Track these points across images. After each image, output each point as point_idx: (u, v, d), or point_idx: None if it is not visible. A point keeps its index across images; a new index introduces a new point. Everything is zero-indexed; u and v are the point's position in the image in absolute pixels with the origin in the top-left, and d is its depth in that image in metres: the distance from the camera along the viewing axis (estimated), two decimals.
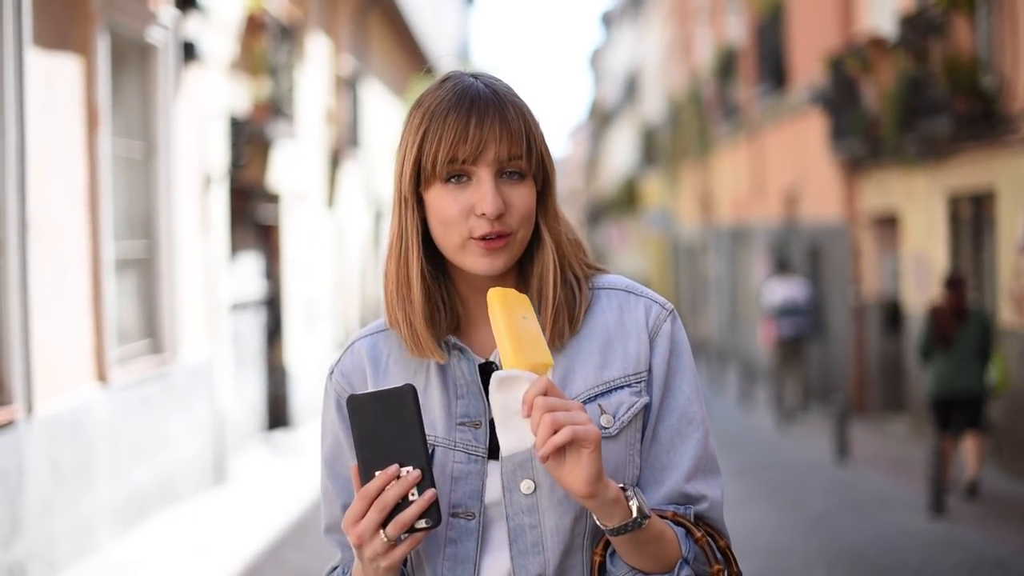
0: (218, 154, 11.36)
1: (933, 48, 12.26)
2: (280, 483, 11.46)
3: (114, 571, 8.02)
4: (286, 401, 14.30)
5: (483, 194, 1.79)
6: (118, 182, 9.24)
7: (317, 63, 15.93)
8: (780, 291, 16.64)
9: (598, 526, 1.77)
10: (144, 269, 9.85)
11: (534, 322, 1.74)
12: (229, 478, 11.12)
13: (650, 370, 1.88)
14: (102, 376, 8.47)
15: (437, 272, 1.91)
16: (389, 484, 1.70)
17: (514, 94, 1.86)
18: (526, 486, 1.82)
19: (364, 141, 19.32)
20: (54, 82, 7.79)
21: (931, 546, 8.74)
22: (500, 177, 1.81)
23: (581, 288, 1.91)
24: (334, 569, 2.00)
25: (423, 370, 1.91)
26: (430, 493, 1.70)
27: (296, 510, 10.22)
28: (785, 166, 19.85)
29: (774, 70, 19.88)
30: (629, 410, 1.85)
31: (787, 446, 14.21)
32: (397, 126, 16.16)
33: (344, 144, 17.52)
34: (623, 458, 1.84)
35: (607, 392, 1.85)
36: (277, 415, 14.14)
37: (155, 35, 9.73)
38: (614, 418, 1.84)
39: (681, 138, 29.59)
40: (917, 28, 12.74)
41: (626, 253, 44.81)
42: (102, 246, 8.50)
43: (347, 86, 17.96)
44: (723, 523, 1.90)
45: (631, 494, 1.72)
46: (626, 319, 1.90)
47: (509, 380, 1.67)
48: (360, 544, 1.72)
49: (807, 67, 18.01)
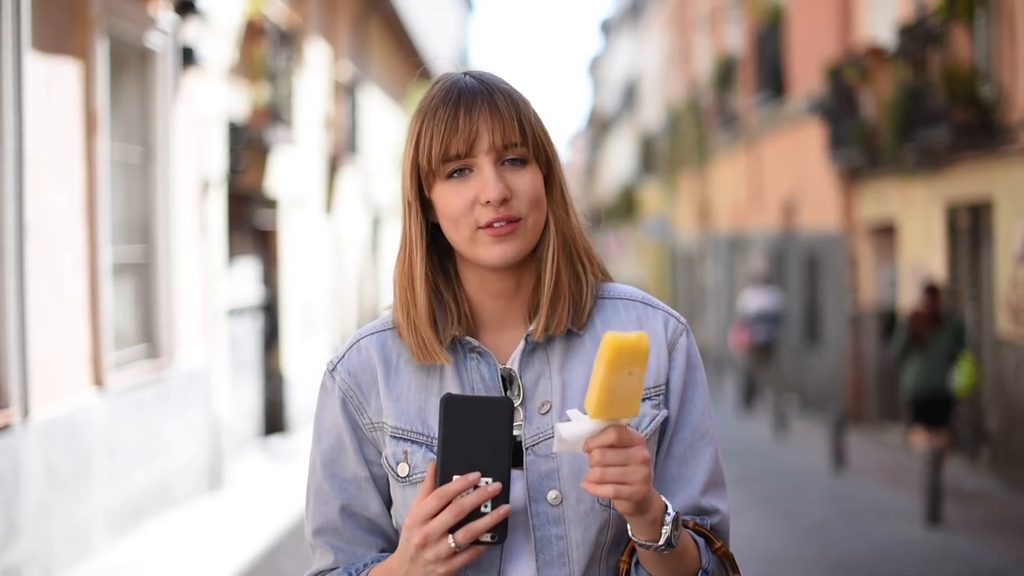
0: (216, 159, 11.36)
1: (932, 58, 12.27)
2: (276, 489, 11.45)
3: None
4: (283, 407, 14.28)
5: (484, 181, 1.79)
6: (116, 187, 9.24)
7: (316, 69, 15.94)
8: (755, 301, 18.29)
9: (618, 536, 1.82)
10: (142, 274, 9.84)
11: (640, 376, 1.68)
12: (225, 483, 11.11)
13: (667, 383, 1.89)
14: (99, 381, 8.46)
15: (449, 276, 1.90)
16: (467, 490, 1.69)
17: (504, 83, 1.86)
18: (553, 496, 1.82)
19: (363, 147, 19.32)
20: (53, 86, 7.79)
21: (928, 555, 8.73)
22: (502, 165, 1.81)
23: (587, 278, 1.90)
24: (323, 572, 1.93)
25: (436, 372, 1.88)
26: (504, 508, 1.70)
27: (292, 516, 10.20)
28: (783, 175, 19.87)
29: (773, 79, 19.90)
30: (652, 423, 1.86)
31: (784, 455, 14.20)
32: (396, 132, 16.22)
33: (343, 150, 17.52)
34: None
35: None
36: (274, 421, 14.13)
37: (154, 40, 9.73)
38: (638, 429, 1.84)
39: (680, 146, 29.61)
40: (916, 38, 12.75)
41: (624, 261, 44.82)
42: (100, 251, 8.50)
43: (346, 92, 17.96)
44: (729, 535, 1.92)
45: (668, 520, 1.73)
46: (645, 331, 1.86)
47: (571, 439, 1.68)
48: (424, 544, 1.70)
49: (806, 76, 18.03)
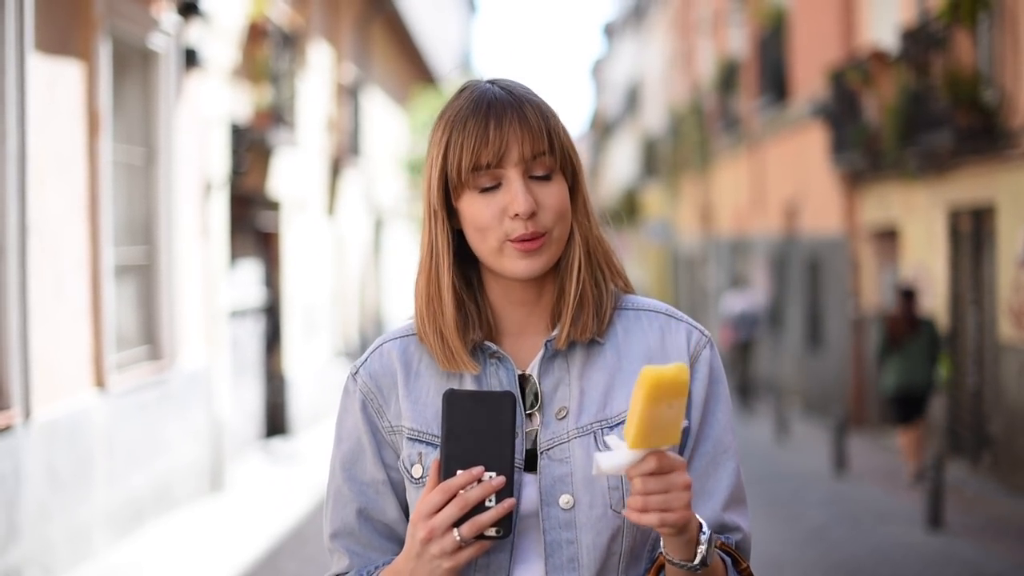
0: (219, 161, 11.36)
1: (934, 62, 12.27)
2: (277, 491, 11.45)
3: None
4: (284, 409, 14.28)
5: (514, 194, 1.79)
6: (118, 188, 9.24)
7: (318, 71, 15.95)
8: (739, 302, 19.90)
9: (635, 547, 1.81)
10: (143, 275, 9.84)
11: (680, 407, 1.66)
12: (226, 485, 11.11)
13: (689, 396, 1.85)
14: (100, 382, 8.47)
15: (470, 283, 1.91)
16: (471, 484, 1.69)
17: (532, 94, 1.86)
18: (565, 501, 1.81)
19: (365, 149, 19.33)
20: (55, 87, 7.79)
21: (928, 559, 8.73)
22: (529, 178, 1.82)
23: (608, 287, 1.91)
24: (338, 575, 1.94)
25: (456, 378, 1.89)
26: (509, 502, 1.70)
27: (293, 518, 10.20)
28: (785, 179, 19.87)
29: (775, 83, 19.90)
30: None
31: (785, 458, 14.19)
32: (398, 135, 16.24)
33: (345, 152, 17.53)
34: None
35: None
36: (275, 423, 14.13)
37: (157, 41, 9.74)
38: None
39: (682, 150, 29.62)
40: (918, 42, 12.75)
41: (626, 264, 44.55)
42: (102, 252, 8.50)
43: (348, 94, 17.97)
44: (750, 555, 1.91)
45: (703, 540, 1.72)
46: (668, 343, 1.90)
47: (608, 469, 1.66)
48: (430, 538, 1.70)
49: (808, 80, 18.03)
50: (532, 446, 1.84)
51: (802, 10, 18.93)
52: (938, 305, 13.33)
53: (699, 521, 1.72)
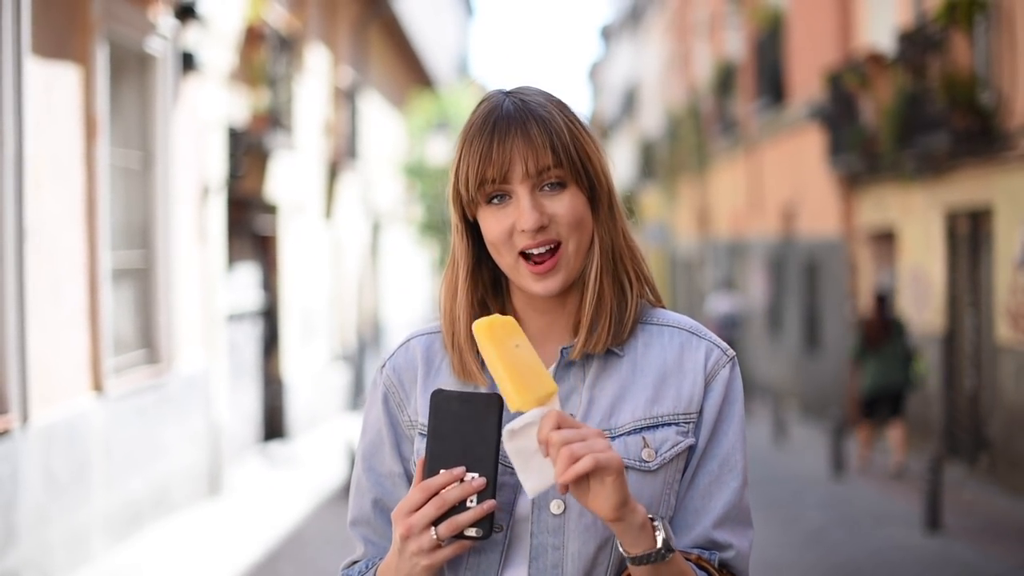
0: (216, 165, 11.36)
1: (931, 64, 12.28)
2: (275, 494, 11.45)
3: None
4: (282, 412, 14.28)
5: (521, 210, 1.81)
6: (116, 192, 9.24)
7: (316, 74, 15.95)
8: (725, 304, 20.88)
9: (622, 561, 1.79)
10: (141, 279, 9.84)
11: (528, 348, 1.72)
12: (224, 489, 11.10)
13: (700, 413, 1.87)
14: (98, 386, 8.46)
15: (500, 289, 1.93)
16: (452, 484, 1.70)
17: (543, 107, 1.85)
18: (556, 506, 1.82)
19: (363, 153, 19.33)
20: (53, 91, 7.79)
21: (927, 562, 8.73)
22: (541, 190, 1.82)
23: (632, 297, 1.90)
24: (354, 563, 1.97)
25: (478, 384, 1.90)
26: (489, 503, 1.70)
27: (292, 522, 10.20)
28: (783, 181, 19.87)
29: (772, 85, 19.91)
30: (672, 448, 1.84)
31: (783, 461, 14.20)
32: (396, 138, 16.22)
33: (342, 156, 17.53)
34: (659, 495, 1.83)
35: (654, 427, 1.84)
36: (273, 426, 14.13)
37: (154, 45, 9.74)
38: (656, 453, 1.83)
39: (679, 152, 29.62)
40: (916, 44, 12.76)
41: None
42: (99, 255, 8.50)
43: (346, 98, 17.97)
44: (747, 574, 1.89)
45: (659, 524, 1.71)
46: (685, 359, 1.89)
47: (521, 428, 1.67)
48: (407, 535, 1.71)
49: (805, 82, 18.04)
50: None
51: (799, 12, 18.94)
52: (935, 307, 13.34)
53: (643, 508, 1.71)
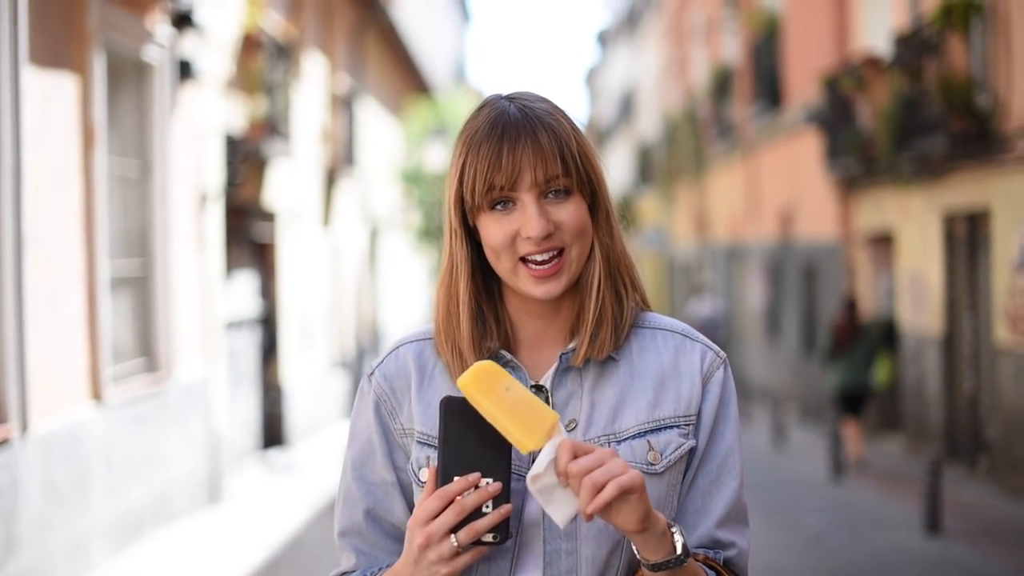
0: (214, 172, 11.36)
1: (928, 67, 12.30)
2: (275, 502, 11.44)
3: None
4: (281, 420, 14.28)
5: (527, 218, 1.81)
6: (114, 200, 9.24)
7: (313, 81, 15.96)
8: (706, 307, 22.27)
9: (633, 562, 1.80)
10: (140, 287, 9.84)
11: (517, 386, 1.72)
12: (224, 497, 11.10)
13: (699, 414, 1.90)
14: (97, 394, 8.46)
15: (491, 291, 1.93)
16: (467, 491, 1.71)
17: (549, 115, 1.86)
18: None
19: (360, 159, 19.34)
20: (50, 100, 7.79)
21: (926, 564, 8.73)
22: (545, 197, 1.83)
23: (628, 304, 1.92)
24: (344, 574, 1.96)
25: None
26: (506, 508, 1.71)
27: (291, 529, 10.20)
28: (780, 185, 19.89)
29: (769, 89, 19.93)
30: (677, 450, 1.86)
31: (782, 464, 14.20)
32: (393, 144, 16.20)
33: (340, 162, 17.53)
34: (663, 497, 1.86)
35: (657, 430, 1.87)
36: (272, 434, 14.12)
37: (151, 54, 9.75)
38: (661, 456, 1.85)
39: (676, 157, 29.63)
40: (912, 47, 12.78)
41: None
42: (98, 264, 8.50)
43: (343, 104, 17.98)
44: (747, 571, 1.93)
45: (676, 530, 1.73)
46: (681, 362, 1.91)
47: (543, 470, 1.67)
48: (427, 544, 1.71)
49: (802, 86, 18.06)
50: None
51: (795, 17, 18.96)
52: (934, 310, 13.35)
53: (663, 517, 1.73)
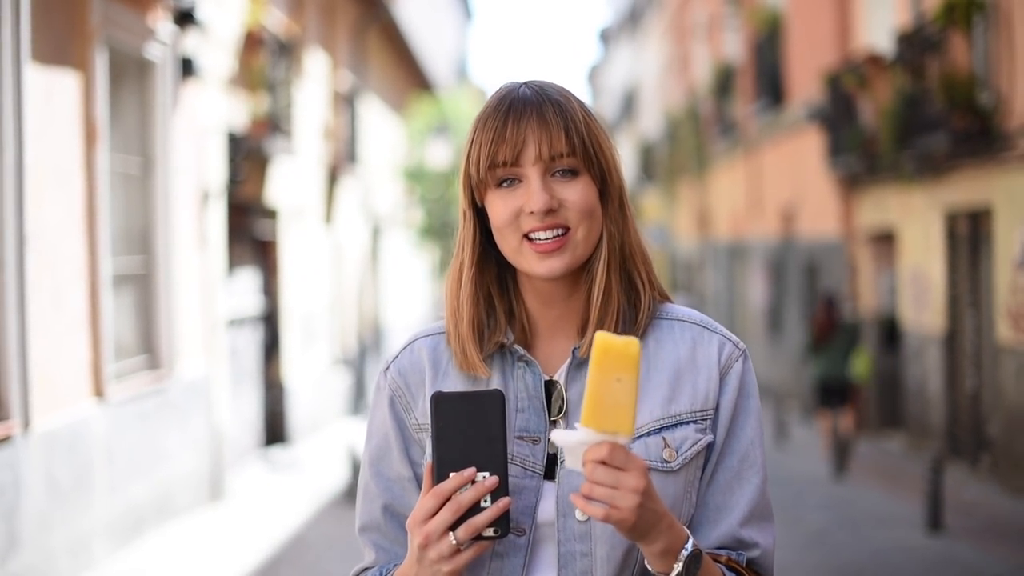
0: (216, 170, 11.36)
1: (930, 65, 12.29)
2: (277, 499, 11.45)
3: None
4: (283, 417, 14.28)
5: (531, 192, 1.79)
6: (116, 198, 9.24)
7: (315, 79, 15.96)
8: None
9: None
10: (141, 285, 9.85)
11: (631, 384, 1.66)
12: (226, 494, 11.10)
13: (717, 409, 1.86)
14: (99, 392, 8.46)
15: (506, 286, 1.91)
16: (464, 486, 1.68)
17: (560, 94, 1.85)
18: (581, 513, 1.79)
19: (362, 157, 19.34)
20: (52, 98, 7.80)
21: (929, 562, 8.73)
22: (552, 176, 1.81)
23: (644, 295, 1.89)
24: (365, 570, 1.94)
25: (482, 379, 1.88)
26: (504, 501, 1.68)
27: (293, 526, 10.20)
28: (782, 182, 19.88)
29: (771, 87, 19.92)
30: (693, 447, 1.82)
31: (785, 462, 14.19)
32: (395, 142, 16.20)
33: (342, 160, 17.53)
34: (681, 495, 1.82)
35: (672, 426, 1.83)
36: (274, 431, 14.12)
37: (153, 51, 9.75)
38: (677, 453, 1.81)
39: (679, 154, 29.63)
40: (914, 45, 12.77)
41: None
42: (100, 261, 8.50)
43: (345, 102, 17.98)
44: (772, 570, 1.89)
45: (682, 557, 1.69)
46: (698, 354, 1.87)
47: (571, 443, 1.65)
48: (426, 544, 1.68)
49: (804, 84, 18.05)
50: (555, 451, 1.82)
51: (797, 14, 18.95)
52: (936, 308, 13.35)
53: (684, 535, 1.70)
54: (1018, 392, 10.94)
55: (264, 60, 12.49)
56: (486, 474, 1.69)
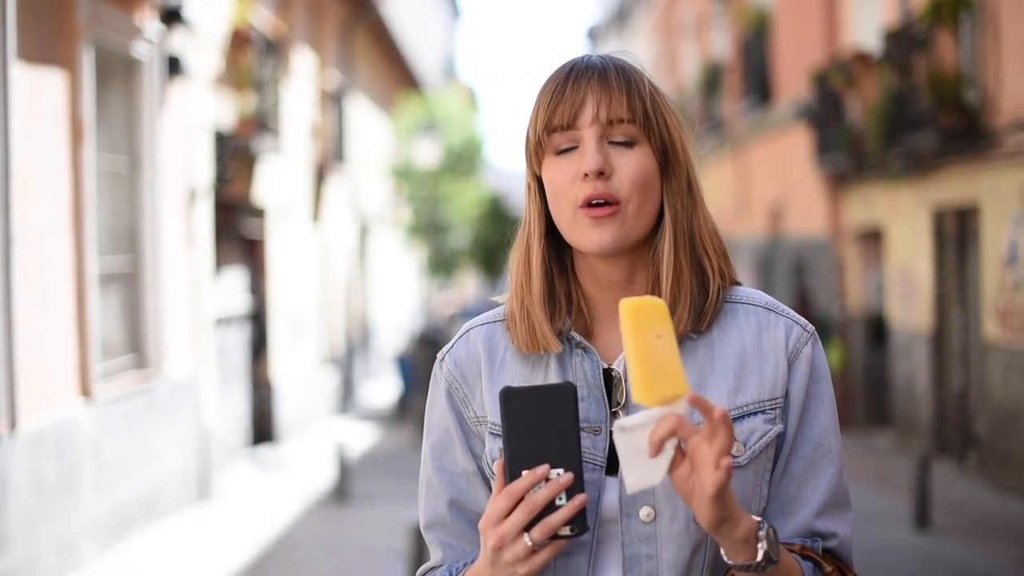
0: (203, 169, 11.34)
1: (917, 63, 12.31)
2: (265, 498, 11.43)
3: None
4: (271, 416, 14.26)
5: (584, 151, 1.73)
6: (103, 197, 9.22)
7: (302, 77, 15.93)
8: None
9: (718, 560, 1.71)
10: (129, 284, 9.82)
11: (670, 339, 1.60)
12: (214, 493, 11.08)
13: (787, 396, 1.78)
14: (86, 391, 8.44)
15: (566, 269, 1.84)
16: (537, 485, 1.60)
17: (627, 63, 1.79)
18: (645, 513, 1.73)
19: (350, 156, 19.32)
20: (39, 97, 7.77)
21: (917, 560, 8.75)
22: (609, 144, 1.74)
23: (713, 282, 1.79)
24: (433, 568, 1.87)
25: (541, 367, 1.81)
26: (580, 498, 1.60)
27: (281, 525, 10.19)
28: (770, 181, 19.90)
29: (759, 85, 19.93)
30: (761, 439, 1.75)
31: None
32: (383, 141, 16.20)
33: (329, 159, 17.51)
34: (751, 489, 1.75)
35: (739, 418, 1.75)
36: (262, 430, 14.10)
37: (140, 50, 9.72)
38: (745, 447, 1.74)
39: None
40: (901, 43, 12.79)
41: None
42: (86, 261, 8.48)
43: (332, 101, 17.96)
44: (851, 559, 1.82)
45: (762, 536, 1.62)
46: (764, 339, 1.79)
47: (632, 427, 1.58)
48: (501, 546, 1.60)
49: (792, 82, 18.07)
50: (614, 444, 1.71)
51: (785, 12, 18.97)
52: (923, 305, 13.37)
53: (753, 519, 1.62)
54: (1005, 389, 10.96)
55: (251, 59, 12.47)
56: (560, 471, 1.62)
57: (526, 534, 1.60)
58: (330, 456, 12.63)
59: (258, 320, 14.08)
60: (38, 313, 7.67)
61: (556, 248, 1.83)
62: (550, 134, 1.76)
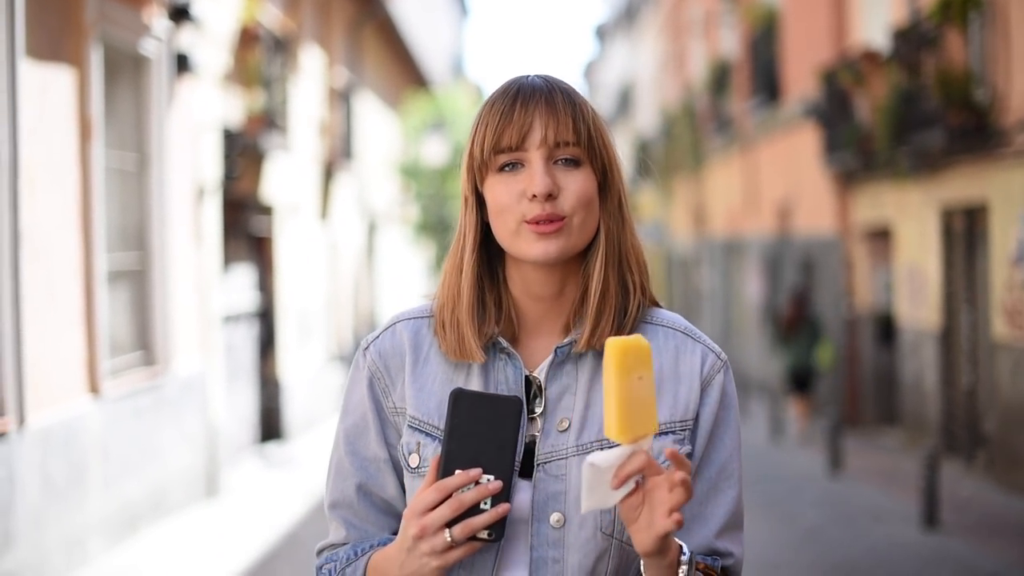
0: (211, 166, 11.35)
1: (926, 61, 12.29)
2: (273, 496, 11.44)
3: None
4: (279, 414, 14.27)
5: (533, 174, 1.78)
6: (111, 194, 9.23)
7: (311, 75, 15.94)
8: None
9: (619, 568, 1.79)
10: (137, 281, 9.83)
11: (649, 380, 1.65)
12: (221, 491, 11.09)
13: (696, 419, 1.85)
14: (94, 388, 8.45)
15: (496, 278, 1.89)
16: (467, 486, 1.68)
17: (569, 86, 1.85)
18: (556, 519, 1.80)
19: (358, 153, 19.33)
20: (47, 94, 7.78)
21: (924, 559, 8.73)
22: (554, 164, 1.80)
23: (634, 297, 1.88)
24: (333, 545, 1.95)
25: (464, 368, 1.86)
26: (504, 507, 1.69)
27: (289, 523, 10.19)
28: (778, 179, 19.88)
29: (767, 83, 19.92)
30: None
31: (780, 459, 14.20)
32: (391, 138, 16.18)
33: (337, 156, 17.52)
34: None
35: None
36: (270, 428, 14.12)
37: (148, 47, 9.73)
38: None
39: (674, 151, 29.61)
40: (910, 41, 12.77)
41: None
42: (95, 258, 8.49)
43: (341, 98, 17.97)
44: None
45: (684, 561, 1.71)
46: (681, 363, 1.86)
47: (604, 467, 1.64)
48: (422, 536, 1.69)
49: (800, 80, 18.05)
50: (529, 448, 1.82)
51: (793, 11, 18.95)
52: (932, 304, 13.36)
53: (678, 544, 1.71)
54: (1014, 388, 10.94)
55: (260, 56, 12.47)
56: (491, 477, 1.69)
57: (447, 530, 1.68)
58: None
59: (266, 317, 14.09)
60: (46, 310, 7.68)
61: (488, 259, 1.89)
62: (496, 154, 1.81)
